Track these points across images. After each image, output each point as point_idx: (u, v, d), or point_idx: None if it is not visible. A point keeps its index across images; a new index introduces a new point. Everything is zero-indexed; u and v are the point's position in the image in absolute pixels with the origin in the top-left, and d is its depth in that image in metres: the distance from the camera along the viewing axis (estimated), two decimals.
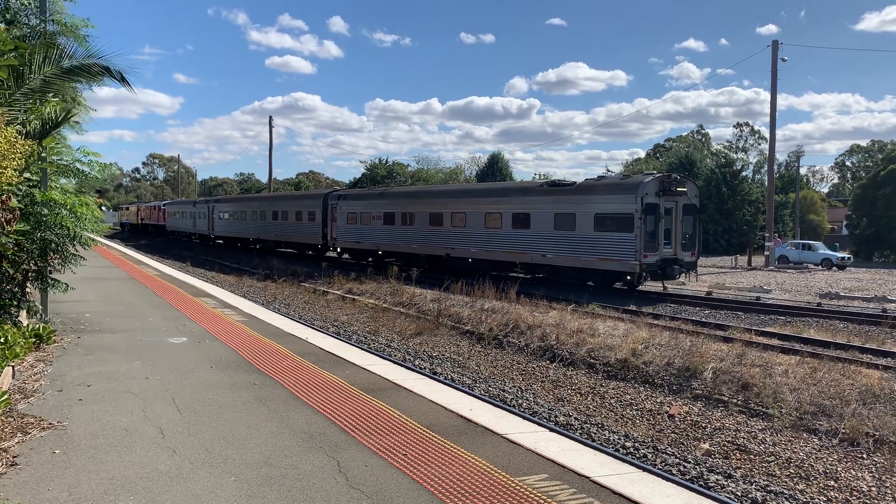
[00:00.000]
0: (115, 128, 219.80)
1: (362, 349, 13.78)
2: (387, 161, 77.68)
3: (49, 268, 12.95)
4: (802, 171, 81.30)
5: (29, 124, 11.36)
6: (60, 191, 13.05)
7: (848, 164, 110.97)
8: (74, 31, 12.73)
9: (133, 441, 7.08)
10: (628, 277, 23.90)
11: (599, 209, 24.09)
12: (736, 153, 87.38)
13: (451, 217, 30.42)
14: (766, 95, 41.57)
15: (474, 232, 29.07)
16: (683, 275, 24.96)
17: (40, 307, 13.13)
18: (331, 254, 41.31)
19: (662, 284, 25.05)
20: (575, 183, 26.52)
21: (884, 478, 8.83)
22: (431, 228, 31.43)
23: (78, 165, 13.50)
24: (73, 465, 6.34)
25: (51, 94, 11.37)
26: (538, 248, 26.14)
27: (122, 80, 10.08)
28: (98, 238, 16.29)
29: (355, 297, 24.56)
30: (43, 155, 12.18)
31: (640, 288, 24.70)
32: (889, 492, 8.50)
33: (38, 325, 12.19)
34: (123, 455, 6.64)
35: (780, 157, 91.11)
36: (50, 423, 7.57)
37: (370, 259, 35.50)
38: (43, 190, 12.08)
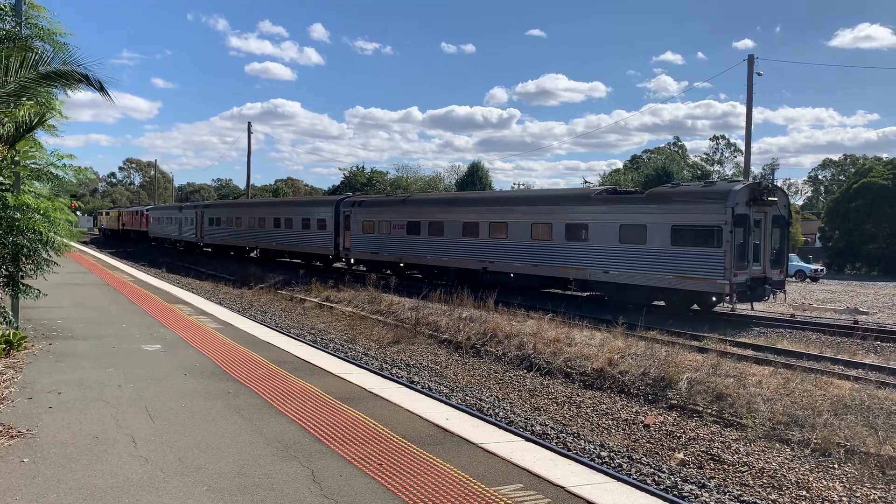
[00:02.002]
0: (92, 132, 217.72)
1: (339, 357, 13.71)
2: (363, 168, 77.55)
3: (21, 273, 12.75)
4: (777, 183, 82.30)
5: (2, 127, 11.20)
6: (34, 195, 12.86)
7: (821, 177, 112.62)
8: (52, 36, 12.58)
9: (104, 450, 6.98)
10: (713, 298, 21.42)
11: (678, 220, 21.07)
12: (712, 165, 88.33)
13: (488, 227, 27.34)
14: (742, 109, 42.09)
15: (518, 244, 26.03)
16: (772, 295, 22.29)
17: (11, 313, 12.90)
18: (339, 264, 38.25)
19: (751, 305, 22.06)
20: (643, 190, 24.18)
21: (854, 488, 8.94)
22: (465, 240, 28.37)
23: (52, 169, 13.33)
24: (42, 475, 6.24)
25: (25, 98, 11.21)
26: (598, 263, 23.06)
27: (101, 90, 9.94)
28: (72, 243, 16.07)
29: (333, 305, 24.47)
30: (16, 159, 12.01)
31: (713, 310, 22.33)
32: (859, 502, 8.61)
33: (8, 332, 11.99)
34: (94, 464, 6.55)
35: (756, 169, 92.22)
36: (19, 432, 7.44)
37: (388, 272, 32.13)
38: (16, 194, 11.91)
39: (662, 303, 22.56)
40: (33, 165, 13.15)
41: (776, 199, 21.64)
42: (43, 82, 9.16)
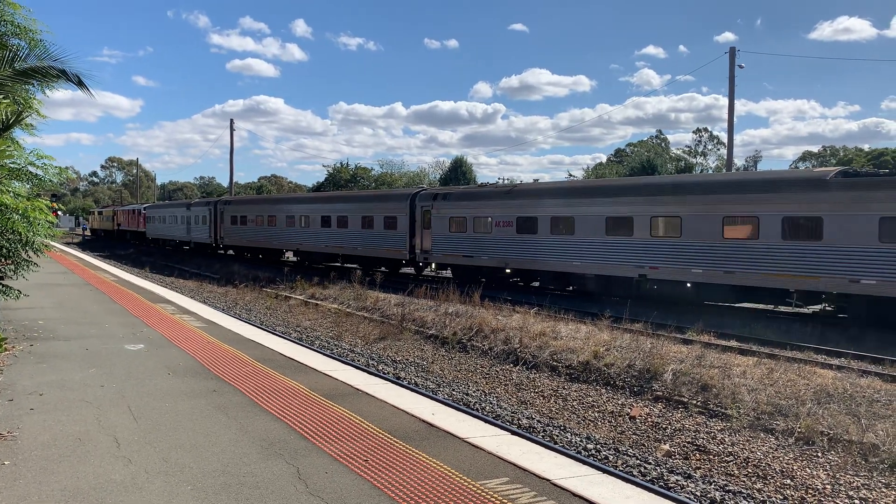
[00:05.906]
0: (73, 131, 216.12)
1: (324, 355, 13.68)
2: (347, 164, 77.34)
3: (0, 274, 12.60)
4: None
5: None
6: (12, 195, 12.70)
7: (802, 169, 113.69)
8: (28, 33, 12.41)
9: (87, 451, 6.90)
10: None
11: None
12: (695, 158, 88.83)
13: (649, 223, 21.87)
14: (725, 101, 42.26)
15: (699, 244, 20.59)
16: None
17: None
18: (407, 270, 32.91)
19: None
20: None
21: (838, 475, 9.02)
22: (610, 238, 22.86)
23: (31, 168, 13.16)
24: (24, 477, 6.16)
25: (2, 97, 11.06)
26: (841, 269, 17.88)
27: (80, 84, 9.82)
28: (55, 244, 15.92)
29: (318, 302, 24.38)
30: None
31: None
32: (843, 489, 8.69)
33: None
34: (76, 465, 6.48)
35: (739, 161, 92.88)
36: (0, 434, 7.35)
37: (483, 280, 26.87)
38: None
39: None
40: (11, 165, 12.97)
41: None
42: (19, 79, 9.04)
